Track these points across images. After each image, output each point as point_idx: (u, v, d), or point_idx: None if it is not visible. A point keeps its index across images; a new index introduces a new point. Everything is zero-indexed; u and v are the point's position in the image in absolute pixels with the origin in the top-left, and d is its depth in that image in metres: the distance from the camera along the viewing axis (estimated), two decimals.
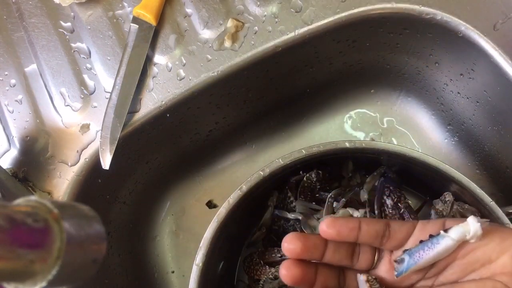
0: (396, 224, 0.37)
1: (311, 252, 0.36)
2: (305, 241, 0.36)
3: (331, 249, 0.37)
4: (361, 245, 0.38)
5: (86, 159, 0.51)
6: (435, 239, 0.35)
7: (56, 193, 0.50)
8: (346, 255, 0.37)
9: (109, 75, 0.51)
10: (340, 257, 0.37)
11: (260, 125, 0.65)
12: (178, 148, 0.62)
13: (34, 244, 0.23)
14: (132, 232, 0.62)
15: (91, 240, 0.26)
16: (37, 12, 0.54)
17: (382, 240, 0.37)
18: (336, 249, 0.37)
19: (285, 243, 0.36)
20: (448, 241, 0.34)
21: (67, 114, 0.51)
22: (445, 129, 0.63)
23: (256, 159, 0.67)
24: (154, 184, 0.63)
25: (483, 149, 0.59)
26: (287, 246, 0.36)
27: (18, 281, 0.24)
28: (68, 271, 0.24)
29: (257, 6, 0.52)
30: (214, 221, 0.47)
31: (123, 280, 0.58)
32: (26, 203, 0.25)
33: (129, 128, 0.51)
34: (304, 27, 0.51)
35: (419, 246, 0.35)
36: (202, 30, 0.52)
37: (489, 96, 0.53)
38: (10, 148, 0.52)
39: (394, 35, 0.55)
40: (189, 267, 0.47)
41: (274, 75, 0.57)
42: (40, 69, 0.53)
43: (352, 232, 0.36)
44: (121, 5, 0.53)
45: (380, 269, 0.38)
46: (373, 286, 0.36)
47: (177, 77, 0.51)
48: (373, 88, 0.65)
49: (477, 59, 0.51)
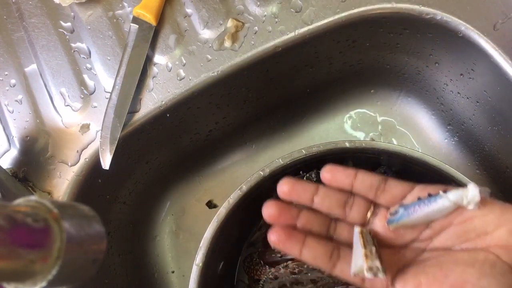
0: (393, 181, 0.37)
1: (299, 194, 0.36)
2: (295, 183, 0.36)
3: (321, 195, 0.37)
4: (355, 197, 0.37)
5: (86, 159, 0.51)
6: (432, 197, 0.34)
7: (56, 193, 0.50)
8: (338, 204, 0.37)
9: (109, 75, 0.51)
10: (331, 204, 0.37)
11: (260, 125, 0.65)
12: (178, 148, 0.62)
13: (34, 244, 0.23)
14: (132, 232, 0.62)
15: (91, 240, 0.26)
16: (37, 12, 0.54)
17: (376, 192, 0.36)
18: (327, 195, 0.37)
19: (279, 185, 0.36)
20: (445, 201, 0.34)
21: (67, 114, 0.51)
22: (445, 129, 0.63)
23: (256, 159, 0.67)
24: (154, 184, 0.63)
25: (483, 149, 0.59)
26: (280, 188, 0.36)
27: (18, 281, 0.24)
28: (68, 271, 0.24)
29: (257, 6, 0.52)
30: (214, 221, 0.47)
31: (123, 280, 0.58)
32: (26, 203, 0.25)
33: (129, 128, 0.51)
34: (304, 27, 0.51)
35: (416, 202, 0.35)
36: (202, 30, 0.52)
37: (489, 96, 0.53)
38: (10, 148, 0.52)
39: (394, 35, 0.55)
40: (189, 267, 0.47)
41: (274, 75, 0.57)
42: (40, 69, 0.53)
43: (348, 179, 0.36)
44: (121, 5, 0.53)
45: (375, 224, 0.37)
46: (366, 239, 0.35)
47: (177, 77, 0.51)
48: (373, 88, 0.65)
49: (477, 59, 0.51)
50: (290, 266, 0.50)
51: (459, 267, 0.33)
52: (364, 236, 0.35)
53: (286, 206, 0.37)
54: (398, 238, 0.37)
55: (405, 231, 0.36)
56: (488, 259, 0.33)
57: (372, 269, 0.33)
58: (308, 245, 0.36)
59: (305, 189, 0.37)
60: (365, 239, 0.35)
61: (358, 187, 0.37)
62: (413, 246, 0.37)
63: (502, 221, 0.34)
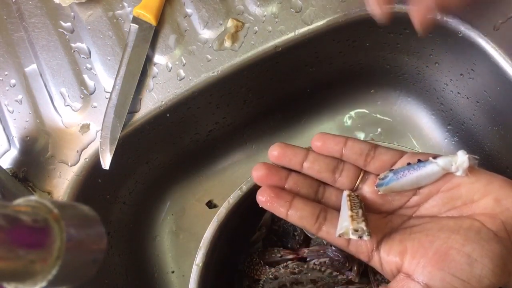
0: (383, 148, 0.37)
1: (289, 158, 0.37)
2: (286, 147, 0.37)
3: (311, 159, 0.37)
4: (345, 163, 0.38)
5: (86, 159, 0.51)
6: (422, 163, 0.35)
7: (56, 193, 0.50)
8: (327, 169, 0.37)
9: (109, 75, 0.51)
10: (320, 168, 0.37)
11: (260, 125, 0.65)
12: (178, 148, 0.62)
13: (34, 244, 0.23)
14: (132, 232, 0.62)
15: (91, 240, 0.26)
16: (37, 12, 0.54)
17: (366, 159, 0.37)
18: (316, 159, 0.37)
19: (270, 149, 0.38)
20: (434, 166, 0.34)
21: (67, 114, 0.51)
22: (445, 129, 0.63)
23: (256, 159, 0.67)
24: (154, 184, 0.63)
25: (483, 149, 0.59)
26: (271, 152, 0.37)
27: (18, 281, 0.24)
28: (68, 271, 0.24)
29: (257, 6, 0.52)
30: (214, 221, 0.47)
31: (123, 280, 0.58)
32: (26, 203, 0.25)
33: (129, 128, 0.51)
34: (304, 27, 0.51)
35: (405, 167, 0.36)
36: (202, 30, 0.52)
37: (489, 96, 0.53)
38: (10, 148, 0.52)
39: (394, 35, 0.55)
40: (189, 267, 0.47)
41: (274, 75, 0.57)
42: (40, 69, 0.53)
43: (338, 146, 0.37)
44: (121, 5, 0.53)
45: (364, 190, 0.38)
46: (353, 202, 0.36)
47: (177, 77, 0.51)
48: (373, 88, 0.65)
49: (477, 59, 0.51)
50: (290, 266, 0.50)
51: (445, 233, 0.34)
52: (352, 199, 0.36)
53: (275, 168, 0.38)
54: (386, 204, 0.37)
55: (393, 197, 0.37)
56: (473, 226, 0.34)
57: (357, 231, 0.34)
58: (295, 206, 0.37)
59: (295, 153, 0.37)
60: (352, 202, 0.36)
61: (348, 154, 0.37)
62: (400, 212, 0.37)
63: (489, 190, 0.34)
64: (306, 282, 0.49)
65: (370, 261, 0.36)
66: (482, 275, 0.32)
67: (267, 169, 0.37)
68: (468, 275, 0.32)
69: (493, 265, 0.32)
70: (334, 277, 0.49)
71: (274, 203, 0.37)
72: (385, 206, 0.38)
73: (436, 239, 0.34)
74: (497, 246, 0.32)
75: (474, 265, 0.32)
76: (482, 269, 0.32)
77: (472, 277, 0.32)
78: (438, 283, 0.32)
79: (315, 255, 0.51)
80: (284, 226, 0.55)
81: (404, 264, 0.34)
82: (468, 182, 0.35)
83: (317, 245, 0.53)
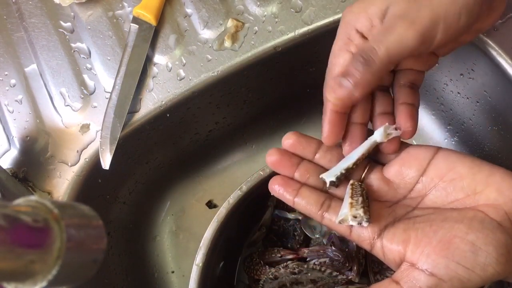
0: None
1: (303, 146, 0.39)
2: (300, 136, 0.39)
3: (324, 149, 0.39)
4: None
5: (86, 159, 0.51)
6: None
7: (56, 193, 0.50)
8: (338, 159, 0.39)
9: (109, 75, 0.51)
10: (332, 158, 0.39)
11: (260, 125, 0.65)
12: (178, 148, 0.62)
13: (34, 244, 0.23)
14: (132, 232, 0.62)
15: (91, 240, 0.26)
16: (37, 12, 0.54)
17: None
18: (329, 149, 0.40)
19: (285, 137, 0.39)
20: (368, 141, 0.38)
21: (67, 114, 0.51)
22: (445, 129, 0.63)
23: (256, 159, 0.67)
24: (154, 184, 0.63)
25: (483, 149, 0.59)
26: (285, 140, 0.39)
27: (18, 281, 0.24)
28: (68, 271, 0.24)
29: (257, 6, 0.52)
30: (214, 221, 0.47)
31: (123, 280, 0.58)
32: (26, 203, 0.25)
33: (129, 128, 0.51)
34: (304, 27, 0.51)
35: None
36: (202, 30, 0.52)
37: (489, 96, 0.53)
38: (10, 148, 0.52)
39: None
40: (189, 267, 0.47)
41: (274, 75, 0.57)
42: (40, 69, 0.53)
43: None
44: (121, 5, 0.53)
45: (370, 178, 0.39)
46: (355, 190, 0.37)
47: (177, 77, 0.51)
48: None
49: (477, 59, 0.51)
50: (290, 266, 0.50)
51: (448, 223, 0.34)
52: (354, 188, 0.37)
53: (288, 153, 0.39)
54: (391, 192, 0.38)
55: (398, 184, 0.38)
56: (477, 216, 0.34)
57: (356, 217, 0.35)
58: (301, 194, 0.38)
59: (309, 143, 0.40)
60: (354, 190, 0.37)
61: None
62: (404, 203, 0.38)
63: (491, 181, 0.35)
64: (306, 282, 0.49)
65: (372, 249, 0.37)
66: (487, 263, 0.32)
67: (281, 154, 0.39)
68: (473, 263, 0.32)
69: (497, 253, 0.32)
70: (334, 277, 0.49)
71: (284, 191, 0.39)
72: (390, 194, 0.38)
73: (440, 229, 0.34)
74: (502, 235, 0.33)
75: (478, 253, 0.32)
76: (487, 257, 0.32)
77: (477, 265, 0.32)
78: (442, 271, 0.32)
79: (315, 255, 0.51)
80: (284, 226, 0.55)
81: (407, 253, 0.34)
82: (470, 173, 0.35)
83: (317, 245, 0.53)
